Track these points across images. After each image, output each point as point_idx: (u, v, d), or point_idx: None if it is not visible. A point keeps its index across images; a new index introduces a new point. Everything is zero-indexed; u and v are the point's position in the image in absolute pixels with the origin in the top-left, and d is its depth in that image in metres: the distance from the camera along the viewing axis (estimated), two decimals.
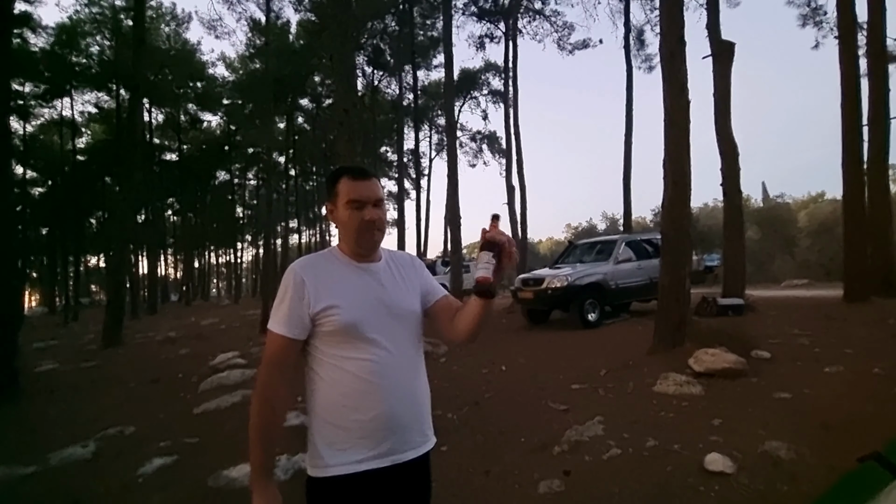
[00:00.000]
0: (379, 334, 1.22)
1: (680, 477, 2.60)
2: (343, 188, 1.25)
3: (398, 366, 1.24)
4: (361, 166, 1.30)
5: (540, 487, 2.74)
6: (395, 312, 1.28)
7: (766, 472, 2.52)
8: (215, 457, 3.84)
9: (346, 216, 1.25)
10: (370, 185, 1.25)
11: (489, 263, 1.16)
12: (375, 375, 1.19)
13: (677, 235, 5.11)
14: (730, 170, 9.13)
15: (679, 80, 5.09)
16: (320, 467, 1.19)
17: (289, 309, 1.19)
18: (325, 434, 1.19)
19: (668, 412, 3.58)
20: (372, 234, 1.26)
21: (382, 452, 1.19)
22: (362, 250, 1.28)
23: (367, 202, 1.23)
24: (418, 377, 1.29)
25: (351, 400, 1.18)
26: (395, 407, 1.20)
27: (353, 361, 1.19)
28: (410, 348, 1.30)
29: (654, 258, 9.32)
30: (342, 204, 1.26)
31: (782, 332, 5.95)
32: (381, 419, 1.18)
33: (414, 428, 1.26)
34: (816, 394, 3.55)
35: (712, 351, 4.42)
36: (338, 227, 1.32)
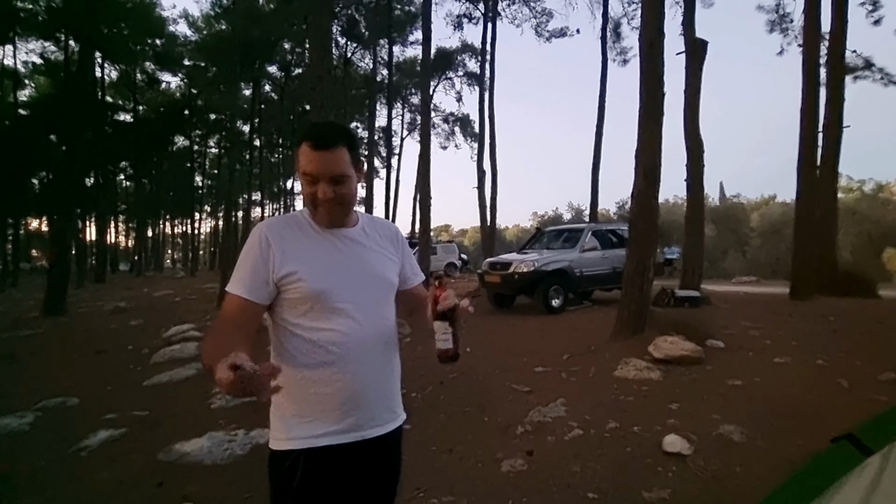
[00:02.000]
0: (347, 304, 1.14)
1: (639, 457, 2.67)
2: (301, 157, 1.11)
3: (366, 338, 1.16)
4: (326, 132, 1.13)
5: (503, 466, 2.76)
6: (365, 282, 1.19)
7: (720, 454, 2.62)
8: (167, 430, 3.68)
9: (302, 185, 1.14)
10: (328, 158, 1.09)
11: (447, 333, 1.11)
12: (341, 347, 1.12)
13: (645, 226, 5.22)
14: (694, 166, 9.40)
15: (657, 72, 5.14)
16: (282, 439, 1.12)
17: (252, 270, 1.10)
18: (287, 405, 1.12)
19: (628, 396, 3.68)
20: (328, 210, 1.13)
21: (345, 428, 1.12)
22: (321, 224, 1.18)
23: (320, 177, 1.09)
24: (388, 351, 1.22)
25: (314, 372, 1.11)
26: (361, 381, 1.14)
27: (318, 332, 1.11)
28: (381, 320, 1.21)
29: (618, 248, 9.55)
30: (299, 173, 1.14)
31: (734, 324, 6.23)
32: (344, 393, 1.11)
33: (381, 404, 1.19)
34: (766, 382, 3.73)
35: (671, 339, 4.57)
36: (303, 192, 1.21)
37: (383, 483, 1.23)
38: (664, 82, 5.25)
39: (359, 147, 1.23)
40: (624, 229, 10.33)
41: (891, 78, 12.64)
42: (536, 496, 2.40)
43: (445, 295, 1.11)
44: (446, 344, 1.11)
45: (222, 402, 4.27)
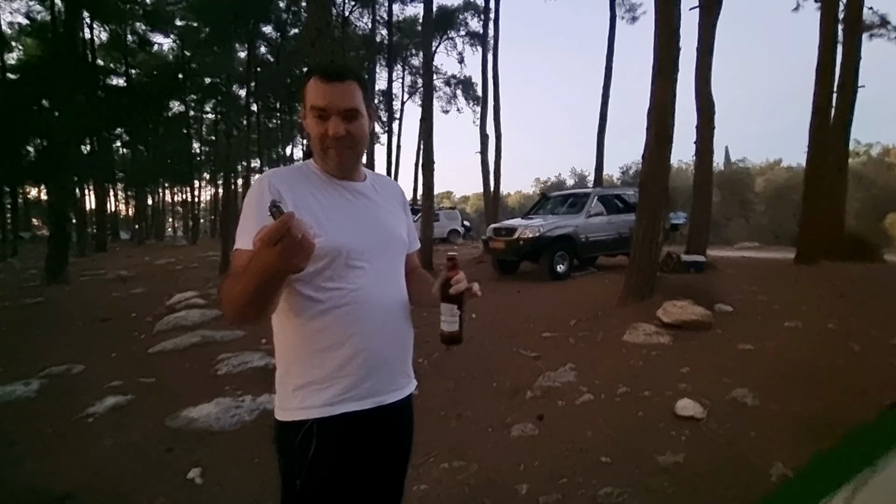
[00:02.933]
0: (365, 262, 1.05)
1: (651, 421, 2.64)
2: (309, 91, 1.03)
3: (385, 297, 1.08)
4: (338, 65, 1.07)
5: (513, 431, 2.74)
6: (381, 239, 1.11)
7: (733, 418, 2.59)
8: (173, 397, 3.67)
9: (309, 125, 1.04)
10: (341, 89, 1.02)
11: (454, 316, 1.07)
12: (359, 307, 1.03)
13: (655, 188, 5.07)
14: (704, 129, 9.13)
15: (671, 26, 4.87)
16: (291, 409, 1.03)
17: (258, 222, 0.97)
18: (298, 372, 1.03)
19: (638, 360, 3.64)
20: (338, 152, 1.04)
21: (363, 393, 1.04)
22: (331, 170, 1.08)
23: (331, 111, 1.01)
24: (404, 311, 1.14)
25: (329, 334, 1.02)
26: (380, 342, 1.06)
27: (333, 291, 1.02)
28: (397, 280, 1.14)
29: (624, 213, 9.42)
30: (307, 110, 1.04)
31: (741, 289, 6.17)
32: (363, 355, 1.03)
33: (398, 367, 1.12)
34: (777, 346, 3.69)
35: (680, 303, 4.51)
36: (308, 138, 1.10)
37: (399, 450, 1.17)
38: (679, 37, 4.97)
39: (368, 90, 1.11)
40: (630, 194, 10.17)
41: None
42: (548, 460, 2.37)
43: (458, 277, 1.06)
44: (452, 326, 1.07)
45: (228, 368, 4.26)
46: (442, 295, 1.07)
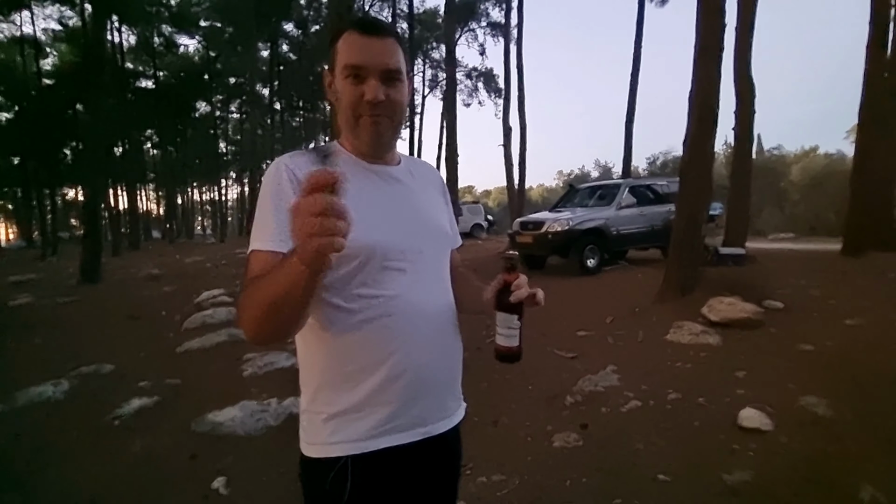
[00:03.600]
0: (406, 262, 0.86)
1: (710, 433, 2.39)
2: (342, 48, 0.84)
3: (429, 305, 0.89)
4: (376, 18, 0.86)
5: (555, 441, 2.53)
6: (423, 234, 0.91)
7: (805, 431, 2.32)
8: (199, 399, 3.60)
9: (341, 88, 0.85)
10: (381, 45, 0.83)
11: (514, 328, 0.88)
12: (400, 317, 0.84)
13: (698, 176, 4.74)
14: (744, 113, 8.61)
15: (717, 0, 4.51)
16: (320, 444, 0.84)
17: (279, 216, 0.78)
18: (328, 399, 0.84)
19: (686, 363, 3.37)
20: (374, 121, 0.84)
21: (407, 423, 0.85)
22: (363, 145, 0.88)
23: (370, 70, 0.82)
24: (452, 320, 0.94)
25: (365, 351, 0.83)
26: (426, 360, 0.86)
27: (369, 300, 0.82)
28: (442, 283, 0.95)
29: (656, 205, 9.02)
30: (339, 70, 0.85)
31: (788, 283, 5.76)
32: (406, 377, 0.84)
33: (447, 390, 0.93)
34: (841, 346, 3.36)
35: (728, 300, 4.20)
36: (335, 108, 0.90)
37: (447, 489, 0.97)
38: (725, 11, 4.60)
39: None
40: (661, 184, 9.73)
41: None
42: (597, 477, 2.16)
43: (519, 282, 0.88)
44: (512, 341, 0.89)
45: (254, 369, 4.17)
46: (497, 302, 0.89)
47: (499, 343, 0.90)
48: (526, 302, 0.89)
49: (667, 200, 9.12)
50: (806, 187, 30.36)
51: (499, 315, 0.89)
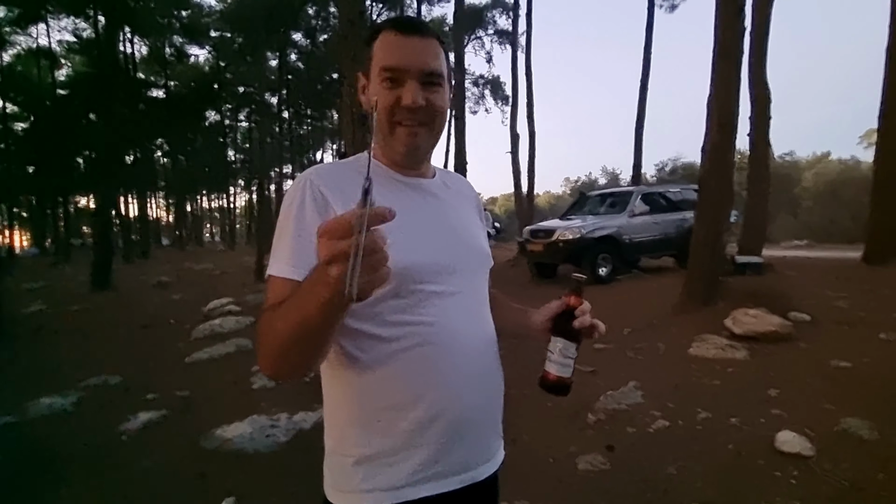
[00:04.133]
0: (443, 285, 0.76)
1: (748, 458, 2.25)
2: (379, 49, 0.76)
3: (470, 333, 0.79)
4: (415, 17, 0.79)
5: (580, 463, 2.39)
6: (462, 254, 0.81)
7: (850, 456, 2.17)
8: (207, 413, 3.51)
9: (376, 93, 0.76)
10: (422, 46, 0.75)
11: (570, 358, 0.81)
12: (439, 348, 0.74)
13: (718, 184, 4.60)
14: (760, 119, 8.46)
15: (736, 1, 4.39)
16: (351, 491, 0.74)
17: (298, 240, 0.70)
18: (358, 440, 0.74)
19: (713, 379, 3.23)
20: (410, 129, 0.76)
21: (449, 468, 0.75)
22: (397, 155, 0.79)
23: (408, 73, 0.74)
24: (495, 351, 0.85)
25: (401, 385, 0.73)
26: (469, 395, 0.76)
27: (405, 327, 0.73)
28: (482, 308, 0.85)
29: (669, 212, 8.88)
30: (375, 74, 0.76)
31: (811, 293, 5.58)
32: (447, 415, 0.74)
33: (493, 428, 0.84)
34: (879, 363, 3.19)
35: (753, 312, 4.04)
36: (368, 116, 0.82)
37: None
38: (745, 14, 4.49)
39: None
40: (674, 192, 9.58)
41: None
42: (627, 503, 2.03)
43: (584, 307, 0.82)
44: (566, 371, 0.81)
45: (263, 381, 4.08)
46: (556, 327, 0.82)
47: (551, 371, 0.81)
48: (586, 332, 0.81)
49: (679, 208, 8.98)
50: (820, 193, 29.97)
51: (556, 341, 0.81)
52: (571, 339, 0.80)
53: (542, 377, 0.82)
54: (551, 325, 0.84)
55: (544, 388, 0.83)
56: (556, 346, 0.81)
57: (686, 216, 8.70)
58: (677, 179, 29.28)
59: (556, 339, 0.81)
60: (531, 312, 0.92)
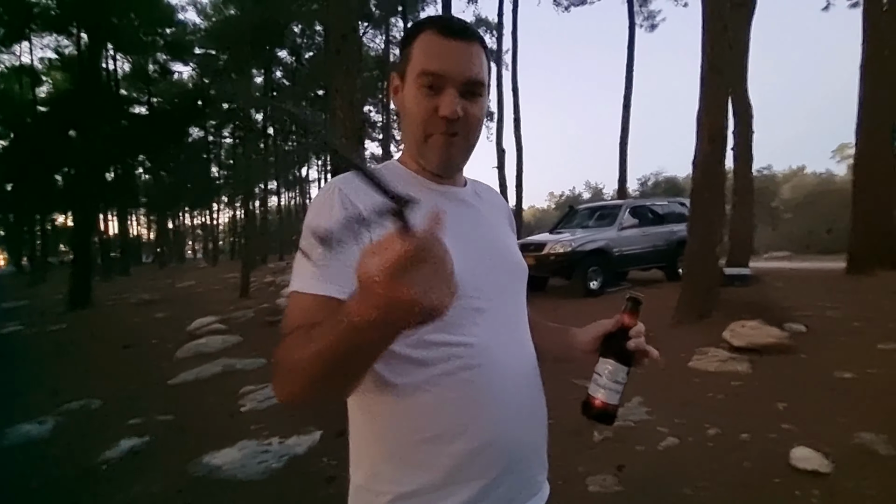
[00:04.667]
0: (485, 300, 0.69)
1: (764, 475, 2.18)
2: (419, 50, 0.69)
3: (513, 355, 0.72)
4: (459, 21, 0.71)
5: (590, 485, 2.30)
6: (501, 268, 0.75)
7: (869, 473, 2.11)
8: (194, 438, 3.33)
9: (411, 99, 0.69)
10: (467, 52, 0.68)
11: (619, 384, 0.73)
12: (483, 371, 0.66)
13: (711, 196, 4.63)
14: (743, 133, 8.65)
15: (722, 18, 4.49)
16: None
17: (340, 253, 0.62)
18: (393, 475, 0.66)
19: (718, 393, 3.17)
20: (445, 140, 0.69)
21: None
22: (430, 166, 0.72)
23: (449, 80, 0.67)
24: (537, 375, 0.78)
25: (445, 415, 0.65)
26: (515, 424, 0.69)
27: (446, 348, 0.65)
28: (523, 327, 0.78)
29: (656, 225, 8.97)
30: (412, 77, 0.69)
31: (803, 304, 5.62)
32: (495, 447, 0.66)
33: (537, 460, 0.76)
34: (884, 374, 3.17)
35: (751, 323, 4.03)
36: (401, 119, 0.75)
37: None
38: (729, 30, 4.58)
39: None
40: (661, 205, 9.71)
41: None
42: None
43: (639, 329, 0.76)
44: (613, 397, 0.73)
45: (253, 403, 3.91)
46: (607, 348, 0.75)
47: (596, 397, 0.74)
48: (638, 355, 0.74)
49: (666, 221, 9.10)
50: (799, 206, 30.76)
51: (605, 363, 0.74)
52: (623, 363, 0.73)
53: (587, 403, 0.75)
54: (601, 345, 0.77)
55: (589, 415, 0.75)
56: (604, 368, 0.74)
57: (674, 229, 8.80)
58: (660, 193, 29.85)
59: (605, 360, 0.74)
60: (573, 331, 0.86)
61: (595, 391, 0.74)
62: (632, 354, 0.73)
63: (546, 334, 0.88)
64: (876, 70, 8.36)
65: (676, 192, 26.43)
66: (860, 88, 8.58)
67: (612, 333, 0.76)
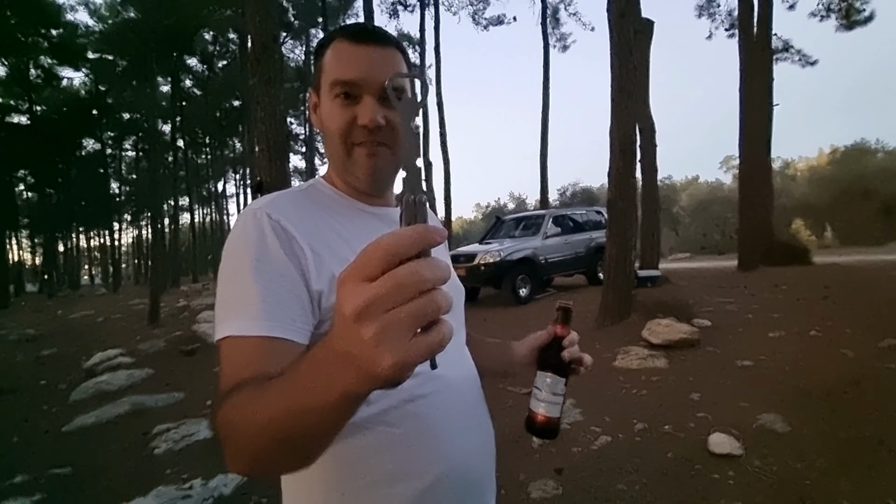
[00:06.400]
0: None
1: (686, 463, 2.34)
2: (330, 61, 0.65)
3: (461, 377, 0.70)
4: (372, 27, 0.67)
5: (532, 491, 2.33)
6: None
7: (772, 451, 2.35)
8: (98, 491, 2.93)
9: (328, 112, 0.65)
10: (379, 55, 0.64)
11: (559, 395, 0.73)
12: (434, 402, 0.63)
13: (625, 205, 4.99)
14: (647, 147, 9.46)
15: (628, 43, 4.90)
16: None
17: (265, 286, 0.55)
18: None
19: (641, 389, 3.38)
20: (370, 151, 0.65)
21: None
22: (357, 181, 0.68)
23: (364, 87, 0.63)
24: (481, 400, 0.76)
25: (394, 457, 0.60)
26: (469, 451, 0.67)
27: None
28: (464, 347, 0.77)
29: (577, 233, 9.49)
30: (326, 89, 0.65)
31: (706, 300, 6.20)
32: (447, 483, 0.62)
33: (489, 484, 0.73)
34: (774, 360, 3.57)
35: (665, 322, 4.36)
36: (323, 138, 0.70)
37: None
38: (634, 55, 5.02)
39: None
40: (580, 213, 10.32)
41: (808, 59, 13.52)
42: None
43: (573, 338, 0.76)
44: (554, 410, 0.72)
45: (168, 444, 3.53)
46: (543, 360, 0.75)
47: (537, 411, 0.72)
48: (574, 363, 0.75)
49: (585, 228, 9.68)
50: (695, 211, 34.27)
51: (543, 376, 0.73)
52: (560, 374, 0.73)
53: (530, 419, 0.73)
54: (537, 358, 0.76)
55: (532, 431, 0.74)
56: (543, 381, 0.73)
57: (592, 235, 9.39)
58: (577, 202, 31.78)
59: (543, 374, 0.73)
60: (512, 346, 0.85)
61: (536, 406, 0.72)
62: (568, 365, 0.73)
63: (485, 351, 0.86)
64: (751, 92, 9.58)
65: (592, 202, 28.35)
66: (740, 108, 9.79)
67: (547, 345, 0.76)
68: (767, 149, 10.94)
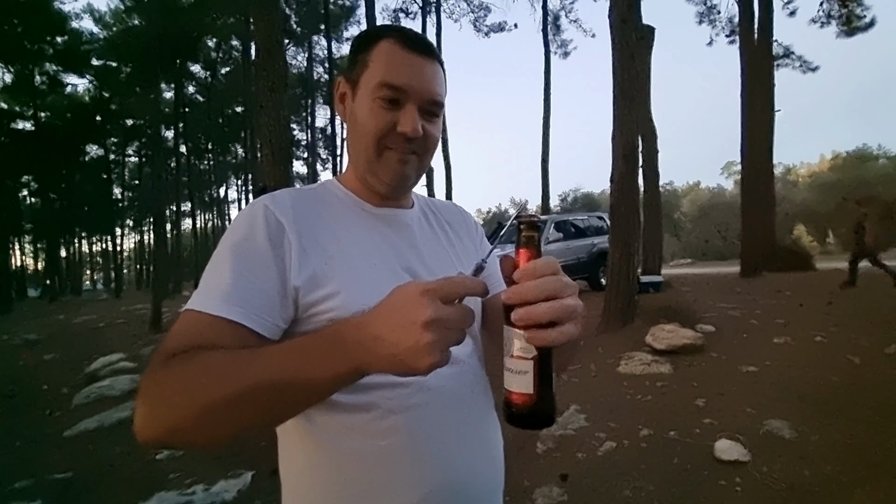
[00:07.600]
0: None
1: (692, 470, 2.32)
2: (380, 60, 0.63)
3: (454, 393, 0.65)
4: (423, 35, 0.67)
5: (537, 498, 2.31)
6: None
7: (779, 457, 2.33)
8: (100, 497, 2.92)
9: (366, 110, 0.64)
10: (429, 68, 0.64)
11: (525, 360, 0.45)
12: (417, 419, 0.61)
13: (627, 210, 4.99)
14: (649, 152, 9.48)
15: (629, 48, 4.92)
16: None
17: (237, 272, 0.56)
18: None
19: (646, 395, 3.37)
20: (402, 157, 0.65)
21: None
22: (380, 184, 0.67)
23: (411, 96, 0.63)
24: (483, 406, 0.70)
25: (376, 471, 0.59)
26: (460, 472, 0.62)
27: (367, 393, 0.59)
28: (469, 359, 0.70)
29: (578, 238, 9.49)
30: (369, 87, 0.63)
31: (708, 305, 6.19)
32: (438, 498, 0.60)
33: (492, 501, 0.68)
34: (779, 366, 3.56)
35: (668, 327, 4.35)
36: (348, 130, 0.69)
37: None
38: (636, 60, 5.04)
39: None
40: (581, 219, 10.32)
41: (809, 65, 13.56)
42: None
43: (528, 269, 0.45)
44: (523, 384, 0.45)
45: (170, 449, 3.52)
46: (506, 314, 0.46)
47: (511, 389, 0.46)
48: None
49: (586, 234, 9.68)
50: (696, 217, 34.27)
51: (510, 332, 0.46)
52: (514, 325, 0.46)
53: (506, 403, 0.47)
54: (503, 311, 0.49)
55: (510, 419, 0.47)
56: (508, 342, 0.47)
57: (594, 241, 9.38)
58: (579, 208, 31.82)
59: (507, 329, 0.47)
60: None
61: (509, 383, 0.46)
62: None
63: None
64: (753, 98, 9.60)
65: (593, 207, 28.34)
66: (742, 114, 9.81)
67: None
68: (769, 155, 10.97)
